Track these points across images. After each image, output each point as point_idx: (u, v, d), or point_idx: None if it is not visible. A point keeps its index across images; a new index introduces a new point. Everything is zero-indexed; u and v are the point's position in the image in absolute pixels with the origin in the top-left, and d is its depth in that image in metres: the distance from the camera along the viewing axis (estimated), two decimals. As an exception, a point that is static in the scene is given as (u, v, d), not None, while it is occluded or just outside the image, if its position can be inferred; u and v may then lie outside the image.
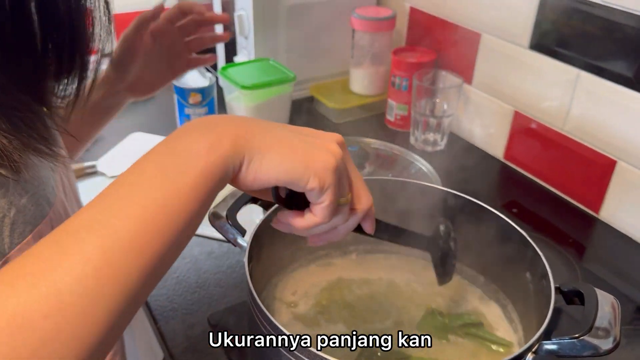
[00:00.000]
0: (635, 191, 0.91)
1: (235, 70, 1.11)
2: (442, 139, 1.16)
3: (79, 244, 0.34)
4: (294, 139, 0.42)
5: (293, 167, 0.41)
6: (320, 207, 0.43)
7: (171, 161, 0.38)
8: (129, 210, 0.35)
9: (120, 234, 0.34)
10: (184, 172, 0.37)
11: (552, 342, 0.52)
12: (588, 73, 0.93)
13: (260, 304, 0.54)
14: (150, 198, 0.36)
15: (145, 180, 0.37)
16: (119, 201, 0.36)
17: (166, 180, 0.37)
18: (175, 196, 0.36)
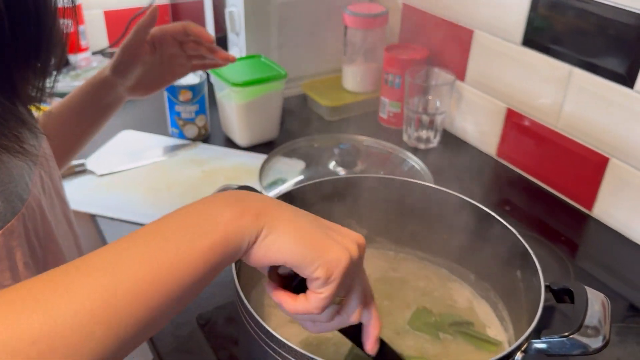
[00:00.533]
0: (628, 188, 0.90)
1: (226, 68, 1.10)
2: (435, 136, 1.16)
3: (85, 279, 0.34)
4: (315, 228, 0.43)
5: (305, 252, 0.41)
6: (317, 298, 0.43)
7: (194, 222, 0.39)
8: (141, 260, 0.36)
9: (127, 281, 0.35)
10: (202, 234, 0.38)
11: (542, 341, 0.52)
12: (581, 70, 0.92)
13: (247, 303, 0.53)
14: (164, 252, 0.36)
15: (164, 234, 0.38)
16: (134, 248, 0.37)
17: (183, 239, 0.37)
18: (188, 256, 0.37)
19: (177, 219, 0.39)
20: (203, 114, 1.13)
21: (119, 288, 0.34)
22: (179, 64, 0.82)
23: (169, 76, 0.84)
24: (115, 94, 0.80)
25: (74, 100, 0.77)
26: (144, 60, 0.79)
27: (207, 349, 0.70)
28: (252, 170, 1.03)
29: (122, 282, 0.34)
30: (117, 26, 1.53)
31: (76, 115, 0.76)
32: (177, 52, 0.81)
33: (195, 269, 0.37)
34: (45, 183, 0.54)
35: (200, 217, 0.39)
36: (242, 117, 1.09)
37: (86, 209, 0.94)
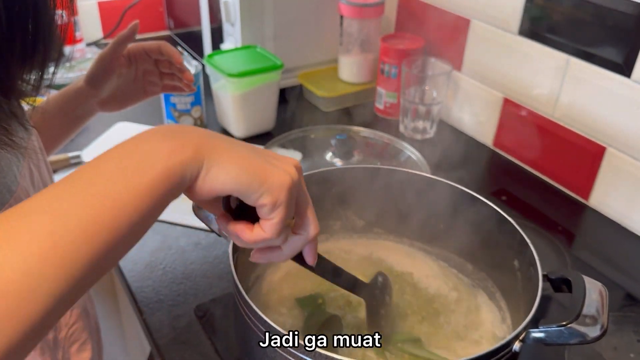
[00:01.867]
0: (624, 178, 0.90)
1: (222, 58, 1.10)
2: (432, 126, 1.15)
3: (28, 225, 0.34)
4: (254, 156, 0.43)
5: (249, 180, 0.41)
6: (270, 224, 0.43)
7: (131, 160, 0.38)
8: (83, 200, 0.36)
9: (71, 221, 0.34)
10: (142, 171, 0.38)
11: (540, 330, 0.52)
12: (577, 59, 0.92)
13: (245, 294, 0.53)
14: (104, 191, 0.36)
15: (102, 174, 0.37)
16: (74, 190, 0.36)
17: (123, 177, 0.37)
18: (130, 193, 0.37)
19: (115, 157, 0.39)
20: (199, 105, 1.13)
21: (64, 229, 0.34)
22: (152, 81, 0.83)
23: (141, 93, 0.84)
24: (86, 105, 0.80)
25: (46, 108, 0.77)
26: (119, 73, 0.79)
27: (204, 340, 0.70)
28: (248, 161, 1.03)
29: (67, 223, 0.34)
30: (111, 17, 1.52)
31: (47, 122, 0.76)
32: (152, 69, 0.82)
33: (138, 207, 0.37)
34: (34, 175, 0.53)
35: (138, 155, 0.39)
36: (238, 108, 1.09)
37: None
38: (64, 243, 0.34)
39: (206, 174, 0.40)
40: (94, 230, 0.35)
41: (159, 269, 0.81)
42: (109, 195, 0.36)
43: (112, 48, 0.77)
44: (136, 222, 0.37)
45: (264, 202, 0.42)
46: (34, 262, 0.32)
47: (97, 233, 0.35)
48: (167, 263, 0.82)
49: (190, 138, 0.41)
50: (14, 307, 0.31)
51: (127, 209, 0.36)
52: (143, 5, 1.52)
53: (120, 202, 0.36)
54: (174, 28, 1.56)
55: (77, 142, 1.08)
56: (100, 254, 0.35)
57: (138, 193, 0.37)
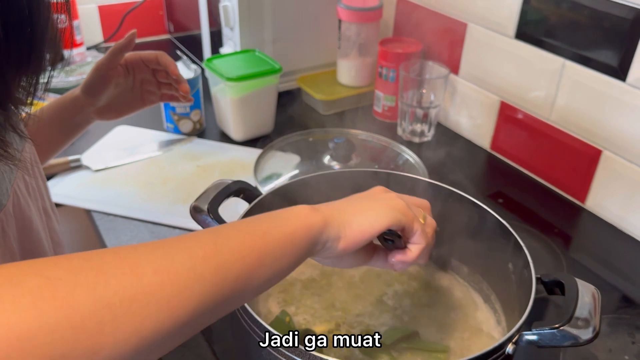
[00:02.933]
0: (620, 180, 0.91)
1: (221, 62, 1.10)
2: (429, 129, 1.16)
3: (196, 236, 0.39)
4: (363, 200, 0.51)
5: (393, 214, 0.50)
6: (419, 248, 0.53)
7: (278, 215, 0.45)
8: (239, 230, 0.41)
9: (231, 240, 0.40)
10: (287, 220, 0.45)
11: (533, 333, 0.52)
12: (573, 63, 0.93)
13: (241, 297, 0.54)
14: (258, 228, 0.43)
15: (257, 220, 0.44)
16: (232, 225, 0.43)
17: (274, 223, 0.44)
18: (277, 233, 0.43)
19: (265, 215, 0.45)
20: (198, 109, 1.13)
21: (224, 242, 0.39)
22: (149, 90, 0.84)
23: (139, 102, 0.85)
24: (83, 114, 0.80)
25: (42, 116, 0.78)
26: (116, 82, 0.79)
27: (202, 343, 0.71)
28: (247, 164, 1.04)
29: (227, 240, 0.39)
30: (112, 21, 1.53)
31: (43, 130, 0.76)
32: (149, 78, 0.83)
33: (282, 246, 0.42)
34: (29, 185, 0.53)
35: (283, 213, 0.46)
36: (237, 111, 1.09)
37: (82, 204, 0.94)
38: (223, 253, 0.38)
39: (345, 230, 0.47)
40: (246, 251, 0.40)
41: (157, 272, 0.81)
42: (262, 230, 0.42)
43: (109, 57, 0.78)
44: (278, 258, 0.42)
45: (416, 228, 0.52)
46: (198, 259, 0.36)
47: (248, 255, 0.40)
48: (165, 266, 0.82)
49: (320, 210, 0.47)
50: (174, 296, 0.34)
51: (274, 244, 0.42)
52: (143, 9, 1.53)
53: (270, 236, 0.42)
54: (174, 32, 1.57)
55: (76, 145, 1.09)
56: (246, 275, 0.39)
57: (283, 235, 0.43)
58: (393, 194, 0.54)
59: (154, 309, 0.32)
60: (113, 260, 0.33)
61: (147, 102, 0.85)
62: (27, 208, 0.52)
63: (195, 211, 0.62)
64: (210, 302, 0.36)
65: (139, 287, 0.32)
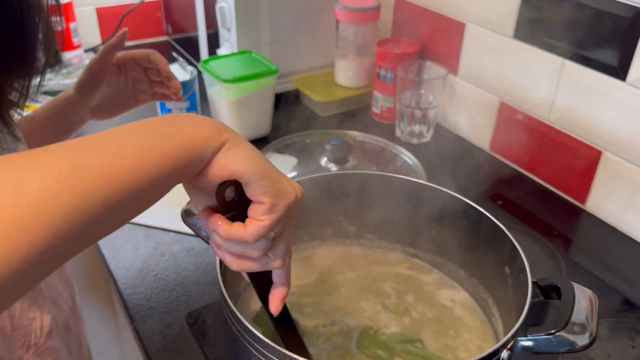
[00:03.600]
0: (620, 181, 0.90)
1: (217, 64, 1.10)
2: (428, 130, 1.15)
3: (54, 152, 0.34)
4: (270, 164, 0.43)
5: (262, 174, 0.41)
6: (256, 224, 0.42)
7: (160, 125, 0.40)
8: (109, 146, 0.36)
9: (95, 159, 0.35)
10: (169, 135, 0.39)
11: (528, 339, 0.51)
12: (573, 62, 0.92)
13: (230, 301, 0.53)
14: (131, 143, 0.37)
15: (131, 131, 0.38)
16: (102, 138, 0.37)
17: (151, 136, 0.38)
18: (154, 150, 0.37)
19: (146, 122, 0.40)
20: (194, 111, 1.12)
21: (87, 162, 0.34)
22: (141, 89, 0.83)
23: (132, 101, 0.84)
24: (77, 114, 0.80)
25: (36, 116, 0.77)
26: (108, 81, 0.79)
27: (195, 348, 0.70)
28: (243, 167, 1.03)
29: (90, 159, 0.35)
30: (109, 23, 1.52)
31: (37, 130, 0.76)
32: (141, 76, 0.82)
33: (160, 164, 0.37)
34: None
35: (165, 124, 0.40)
36: (233, 113, 1.08)
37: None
38: (83, 173, 0.33)
39: (225, 151, 0.40)
40: (113, 172, 0.35)
41: (151, 276, 0.80)
42: (136, 147, 0.37)
43: (101, 56, 0.78)
44: (155, 179, 0.37)
45: (264, 199, 0.42)
46: (51, 181, 0.32)
47: (116, 175, 0.35)
48: (159, 270, 0.82)
49: (215, 122, 0.42)
50: (24, 222, 0.30)
51: (150, 163, 0.37)
52: (141, 10, 1.53)
53: (144, 155, 0.37)
54: (171, 33, 1.57)
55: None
56: (114, 198, 0.35)
57: (162, 151, 0.37)
58: (299, 190, 0.45)
59: (3, 235, 0.29)
60: None
61: (139, 101, 0.84)
62: None
63: (187, 215, 0.61)
64: (67, 231, 0.32)
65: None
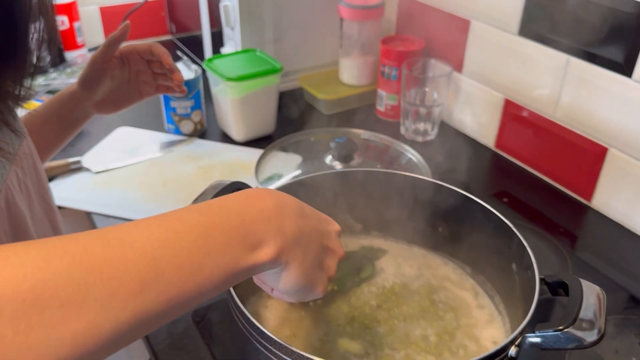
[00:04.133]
0: (627, 178, 0.89)
1: (221, 62, 1.10)
2: (433, 128, 1.15)
3: (143, 232, 0.35)
4: (315, 258, 0.46)
5: (299, 293, 0.46)
6: (286, 300, 0.50)
7: (238, 235, 0.40)
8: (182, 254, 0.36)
9: (174, 258, 0.35)
10: (228, 259, 0.39)
11: (536, 335, 0.51)
12: (578, 59, 0.91)
13: (237, 299, 0.53)
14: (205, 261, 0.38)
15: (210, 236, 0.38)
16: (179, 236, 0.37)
17: (224, 256, 0.39)
18: (212, 270, 0.38)
19: (226, 223, 0.40)
20: (199, 110, 1.13)
21: (165, 255, 0.35)
22: (145, 81, 0.83)
23: (136, 94, 0.84)
24: (82, 108, 0.80)
25: (41, 111, 0.77)
26: (112, 75, 0.79)
27: (202, 346, 0.70)
28: (248, 165, 1.03)
29: (168, 253, 0.35)
30: (113, 22, 1.52)
31: (42, 126, 0.76)
32: (144, 69, 0.82)
33: (214, 278, 0.38)
34: (21, 182, 0.53)
35: (244, 231, 0.40)
36: (238, 112, 1.08)
37: (82, 207, 0.94)
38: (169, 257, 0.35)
39: (277, 273, 0.44)
40: (189, 270, 0.36)
41: (157, 274, 0.80)
42: (199, 265, 0.37)
43: (104, 50, 0.77)
44: (199, 289, 0.37)
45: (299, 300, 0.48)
46: (117, 302, 0.32)
47: (190, 272, 0.36)
48: (165, 268, 0.82)
49: (282, 230, 0.42)
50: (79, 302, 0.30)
51: (203, 279, 0.37)
52: (145, 10, 1.53)
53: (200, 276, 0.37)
54: (175, 32, 1.57)
55: (77, 147, 1.08)
56: (183, 292, 0.35)
57: (218, 272, 0.38)
58: (334, 266, 0.49)
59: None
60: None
61: (144, 94, 0.84)
62: (20, 204, 0.52)
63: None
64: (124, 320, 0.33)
65: None
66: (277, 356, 0.50)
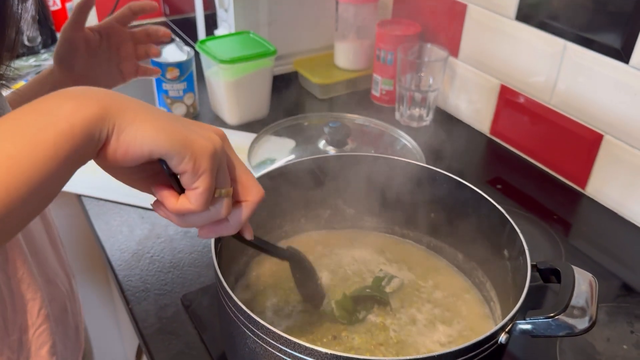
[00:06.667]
0: (622, 166, 0.89)
1: (214, 44, 1.08)
2: (428, 114, 1.14)
3: None
4: (172, 120, 0.40)
5: (169, 142, 0.39)
6: (195, 193, 0.41)
7: (32, 118, 0.36)
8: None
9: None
10: (43, 129, 0.36)
11: (527, 322, 0.51)
12: (575, 45, 0.90)
13: (225, 283, 0.52)
14: (3, 150, 0.34)
15: (1, 133, 0.35)
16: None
17: (23, 135, 0.35)
18: (30, 151, 0.35)
19: (16, 116, 0.36)
20: (191, 92, 1.11)
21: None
22: (126, 57, 0.79)
23: (118, 75, 0.80)
24: (61, 88, 0.76)
25: (23, 90, 0.74)
26: (88, 47, 0.75)
27: (191, 330, 0.69)
28: (241, 149, 1.01)
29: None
30: (106, 4, 1.49)
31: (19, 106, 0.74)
32: (125, 40, 0.78)
33: (40, 167, 0.35)
34: None
35: (39, 114, 0.36)
36: (231, 95, 1.07)
37: (72, 189, 0.92)
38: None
39: (119, 135, 0.38)
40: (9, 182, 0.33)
41: (146, 258, 0.80)
42: (8, 153, 0.34)
43: (72, 17, 0.73)
44: (39, 182, 0.35)
45: (185, 168, 0.40)
46: None
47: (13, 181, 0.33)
48: (155, 252, 0.81)
49: (97, 97, 0.38)
50: None
51: (27, 167, 0.34)
52: (138, -9, 1.50)
53: (19, 160, 0.34)
54: (169, 14, 1.54)
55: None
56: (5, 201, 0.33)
57: (38, 151, 0.35)
58: (213, 136, 0.42)
59: None
60: None
61: (125, 75, 0.80)
62: None
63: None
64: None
65: None
66: (264, 340, 0.49)
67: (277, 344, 0.48)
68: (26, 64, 1.25)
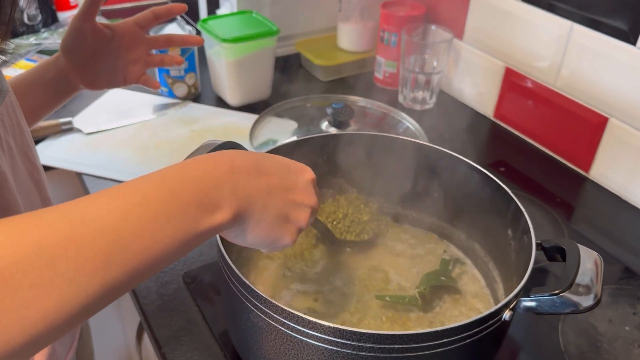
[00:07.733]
0: (626, 149, 0.88)
1: (216, 23, 1.07)
2: (432, 97, 1.13)
3: (99, 205, 0.36)
4: (280, 209, 0.46)
5: (262, 244, 0.47)
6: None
7: (194, 202, 0.40)
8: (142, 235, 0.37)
9: (132, 230, 0.36)
10: (192, 222, 0.39)
11: (531, 299, 0.51)
12: (581, 26, 0.89)
13: (228, 258, 0.52)
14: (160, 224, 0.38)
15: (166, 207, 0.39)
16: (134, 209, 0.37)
17: (181, 223, 0.39)
18: (167, 237, 0.38)
19: (181, 191, 0.39)
20: (193, 72, 1.10)
21: (126, 228, 0.35)
22: (135, 61, 0.78)
23: (121, 77, 0.79)
24: (65, 76, 0.74)
25: (27, 75, 0.73)
26: (95, 40, 0.73)
27: (192, 307, 0.69)
28: (242, 130, 1.01)
29: (129, 225, 0.35)
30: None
31: (27, 90, 0.72)
32: (139, 44, 0.77)
33: (171, 246, 0.38)
34: (2, 139, 0.51)
35: (197, 202, 0.40)
36: (233, 75, 1.06)
37: (73, 168, 0.92)
38: (127, 227, 0.35)
39: (238, 234, 0.45)
40: (148, 239, 0.36)
41: (148, 236, 0.79)
42: (155, 235, 0.37)
43: (83, 7, 0.71)
44: (161, 256, 0.38)
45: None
46: (84, 275, 0.33)
47: (150, 239, 0.36)
48: (156, 230, 0.80)
49: (239, 195, 0.42)
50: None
51: (164, 246, 0.37)
52: (140, -30, 1.49)
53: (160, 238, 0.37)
54: (171, -6, 1.53)
55: (69, 108, 1.06)
56: (146, 259, 0.36)
57: (178, 238, 0.38)
58: (304, 217, 0.48)
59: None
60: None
61: (128, 78, 0.79)
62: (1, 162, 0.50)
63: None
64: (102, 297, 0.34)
65: None
66: (267, 314, 0.49)
67: (281, 317, 0.48)
68: (26, 43, 1.24)
